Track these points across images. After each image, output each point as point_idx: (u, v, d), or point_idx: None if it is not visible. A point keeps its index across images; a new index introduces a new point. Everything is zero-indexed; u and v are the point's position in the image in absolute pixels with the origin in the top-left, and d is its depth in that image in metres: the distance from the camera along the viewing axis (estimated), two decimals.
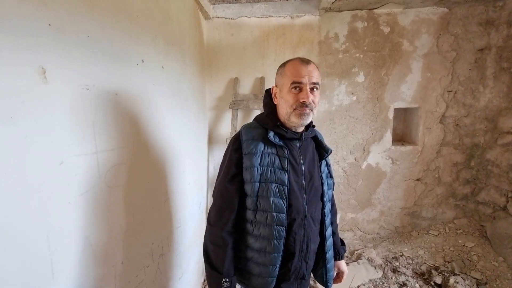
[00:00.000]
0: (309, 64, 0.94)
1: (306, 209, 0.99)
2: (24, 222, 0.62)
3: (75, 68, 0.77)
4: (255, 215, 0.97)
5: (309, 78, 0.91)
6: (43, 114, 0.67)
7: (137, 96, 1.11)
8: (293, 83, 0.91)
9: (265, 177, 0.94)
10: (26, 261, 0.63)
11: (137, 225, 1.10)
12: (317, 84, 0.93)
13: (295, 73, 0.92)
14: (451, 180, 2.54)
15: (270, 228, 0.95)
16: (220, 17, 2.42)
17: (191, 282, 1.81)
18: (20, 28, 0.61)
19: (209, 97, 2.51)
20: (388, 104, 2.47)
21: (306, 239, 1.00)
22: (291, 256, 0.99)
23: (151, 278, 1.21)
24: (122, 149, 1.00)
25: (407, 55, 2.39)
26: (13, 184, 0.59)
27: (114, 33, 0.96)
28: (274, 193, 0.94)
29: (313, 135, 1.06)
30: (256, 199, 0.95)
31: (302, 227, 0.99)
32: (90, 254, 0.84)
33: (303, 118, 0.93)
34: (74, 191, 0.78)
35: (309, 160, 1.03)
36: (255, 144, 0.96)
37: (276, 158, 0.96)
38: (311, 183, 1.01)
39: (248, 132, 0.99)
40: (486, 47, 2.32)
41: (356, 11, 2.37)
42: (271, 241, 0.95)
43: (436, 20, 2.33)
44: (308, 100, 0.91)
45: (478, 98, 2.39)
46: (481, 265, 2.12)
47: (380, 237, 2.68)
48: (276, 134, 0.97)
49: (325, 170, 1.09)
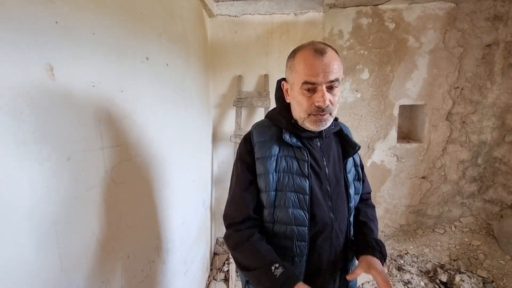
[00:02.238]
0: (325, 55, 0.73)
1: (334, 220, 0.83)
2: (33, 217, 0.64)
3: (81, 65, 0.78)
4: (272, 228, 0.84)
5: (326, 75, 0.72)
6: (51, 110, 0.68)
7: (142, 93, 1.12)
8: (305, 83, 0.75)
9: (281, 184, 0.80)
10: (35, 255, 0.64)
11: (142, 220, 1.12)
12: (337, 81, 0.75)
13: (307, 71, 0.74)
14: (457, 178, 2.51)
15: (290, 243, 0.81)
16: (223, 15, 2.42)
17: (196, 278, 1.83)
18: (28, 26, 0.62)
19: (213, 94, 2.52)
20: (393, 101, 2.44)
21: (333, 254, 0.86)
22: (316, 274, 0.85)
23: (156, 273, 1.23)
24: (127, 145, 1.02)
25: (413, 52, 2.36)
26: (21, 179, 0.61)
27: (119, 30, 0.97)
28: (293, 203, 0.80)
29: (336, 129, 0.90)
30: (273, 210, 0.82)
31: (329, 241, 0.84)
32: (97, 248, 0.85)
33: (321, 125, 0.78)
34: (81, 187, 0.79)
35: (333, 160, 0.87)
36: (268, 146, 0.82)
37: (294, 162, 0.81)
38: (338, 188, 0.85)
39: (260, 132, 0.86)
40: (494, 42, 2.28)
41: (360, 7, 2.34)
42: (291, 258, 0.82)
43: (442, 15, 2.30)
44: (325, 104, 0.73)
45: (486, 94, 2.35)
46: (487, 264, 2.10)
47: (385, 235, 2.67)
48: (292, 133, 0.83)
49: (352, 170, 0.91)
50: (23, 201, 0.61)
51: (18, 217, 0.60)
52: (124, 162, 0.99)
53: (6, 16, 0.57)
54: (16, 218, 0.60)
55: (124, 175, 1.00)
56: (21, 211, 0.61)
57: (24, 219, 0.62)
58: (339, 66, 0.76)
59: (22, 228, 0.61)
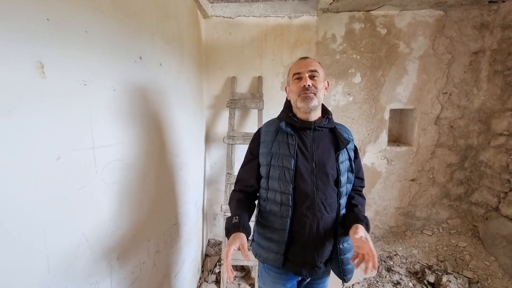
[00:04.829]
0: (307, 59, 1.11)
1: (315, 193, 1.03)
2: (21, 217, 0.62)
3: (73, 64, 0.77)
4: (267, 194, 1.10)
5: (306, 67, 1.06)
6: (41, 108, 0.67)
7: (135, 92, 1.11)
8: (295, 75, 1.08)
9: (274, 161, 1.06)
10: (22, 256, 0.63)
11: (132, 221, 1.11)
12: (315, 72, 1.06)
13: (296, 67, 1.09)
14: (445, 181, 2.58)
15: (278, 206, 1.06)
16: (218, 16, 2.42)
17: (187, 279, 1.82)
18: (19, 22, 0.61)
19: (207, 95, 2.52)
20: (384, 105, 2.49)
21: (316, 224, 1.04)
22: (295, 239, 1.05)
23: (147, 274, 1.21)
24: (119, 145, 1.00)
25: (403, 57, 2.42)
26: (9, 178, 0.60)
27: (113, 29, 0.96)
28: (280, 175, 1.04)
29: (330, 126, 1.11)
30: (267, 180, 1.09)
31: (311, 211, 1.03)
32: (86, 249, 0.84)
33: (307, 101, 1.04)
34: (71, 187, 0.78)
35: (323, 148, 1.08)
36: (270, 133, 1.12)
37: (285, 145, 1.06)
38: (323, 169, 1.05)
39: (268, 125, 1.17)
40: (481, 50, 2.36)
41: (353, 12, 2.39)
42: (279, 218, 1.05)
43: (432, 22, 2.36)
44: (307, 83, 1.03)
45: (472, 100, 2.43)
46: (473, 264, 2.16)
47: (375, 236, 2.71)
48: (288, 124, 1.09)
49: (344, 162, 1.10)
50: (11, 200, 0.60)
51: (4, 217, 0.59)
52: (115, 162, 0.98)
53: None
54: (2, 218, 0.58)
55: (115, 176, 0.98)
56: (8, 211, 0.60)
57: (11, 219, 0.60)
58: (319, 66, 1.10)
59: (9, 228, 0.60)
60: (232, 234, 0.95)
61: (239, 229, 0.96)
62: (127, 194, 1.06)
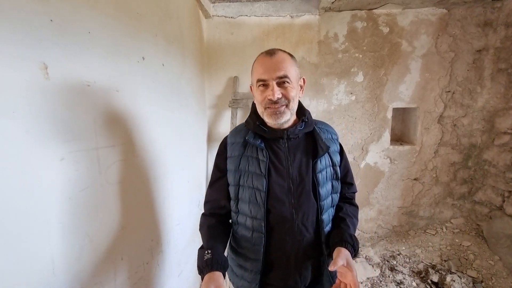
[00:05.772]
0: (274, 56, 0.83)
1: (295, 215, 0.88)
2: (25, 217, 0.63)
3: (76, 64, 0.78)
4: (237, 218, 0.95)
5: (273, 72, 0.81)
6: (45, 109, 0.67)
7: (138, 93, 1.11)
8: (258, 81, 0.84)
9: (242, 181, 0.89)
10: (27, 257, 0.63)
11: (136, 221, 1.11)
12: (286, 78, 0.82)
13: (259, 69, 0.84)
14: (448, 180, 2.56)
15: (249, 232, 0.91)
16: (220, 16, 2.42)
17: (190, 279, 1.82)
18: (22, 24, 0.61)
19: (209, 95, 2.52)
20: (387, 104, 2.48)
21: (296, 248, 0.90)
22: (274, 265, 0.92)
23: (150, 274, 1.22)
24: (122, 145, 1.01)
25: (406, 56, 2.40)
26: (14, 179, 0.60)
27: (115, 30, 0.96)
28: (250, 198, 0.88)
29: (306, 130, 0.92)
30: (236, 202, 0.92)
31: (291, 235, 0.89)
32: (90, 250, 0.84)
33: (277, 117, 0.84)
34: (75, 187, 0.78)
35: (299, 160, 0.90)
36: (237, 147, 0.91)
37: (255, 161, 0.88)
38: (301, 186, 0.88)
39: (233, 135, 0.96)
40: (484, 48, 2.34)
41: (355, 11, 2.38)
42: (252, 246, 0.91)
43: (435, 20, 2.35)
44: (275, 97, 0.80)
45: (476, 98, 2.41)
46: (477, 264, 2.14)
47: (378, 236, 2.70)
48: (257, 135, 0.90)
49: (326, 170, 0.92)
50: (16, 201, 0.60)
51: (7, 218, 0.59)
52: (118, 163, 0.98)
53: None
54: (5, 219, 0.59)
55: (118, 176, 0.99)
56: (12, 212, 0.60)
57: (15, 220, 0.60)
58: (291, 65, 0.84)
59: (14, 229, 0.60)
60: (206, 275, 0.79)
61: (212, 268, 0.80)
62: (130, 194, 1.07)
